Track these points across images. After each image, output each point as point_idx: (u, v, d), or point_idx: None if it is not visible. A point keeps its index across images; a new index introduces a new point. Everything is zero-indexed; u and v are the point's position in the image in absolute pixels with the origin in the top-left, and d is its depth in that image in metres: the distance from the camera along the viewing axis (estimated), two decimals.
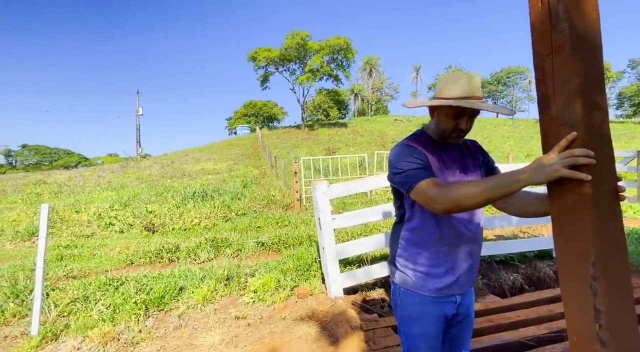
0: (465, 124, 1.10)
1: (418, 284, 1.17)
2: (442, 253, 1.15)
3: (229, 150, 23.90)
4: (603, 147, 0.77)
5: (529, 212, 1.12)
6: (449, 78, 1.12)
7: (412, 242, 1.19)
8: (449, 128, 1.12)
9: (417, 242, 1.18)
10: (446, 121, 1.12)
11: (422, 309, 1.17)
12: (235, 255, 4.45)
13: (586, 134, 0.76)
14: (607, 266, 0.74)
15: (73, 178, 14.26)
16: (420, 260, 1.17)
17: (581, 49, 0.74)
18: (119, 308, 2.72)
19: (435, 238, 1.15)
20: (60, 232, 6.58)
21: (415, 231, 1.18)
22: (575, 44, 0.74)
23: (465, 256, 1.16)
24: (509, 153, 8.81)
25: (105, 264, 4.36)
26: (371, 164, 10.92)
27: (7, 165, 51.25)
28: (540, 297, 2.66)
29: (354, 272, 2.93)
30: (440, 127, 1.15)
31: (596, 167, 0.75)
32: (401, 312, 1.23)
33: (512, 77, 54.31)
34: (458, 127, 1.11)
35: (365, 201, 8.10)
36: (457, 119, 1.10)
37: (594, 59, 0.76)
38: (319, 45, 31.14)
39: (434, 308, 1.17)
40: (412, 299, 1.18)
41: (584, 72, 0.74)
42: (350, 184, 2.91)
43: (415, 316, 1.18)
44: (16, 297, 2.95)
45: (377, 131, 30.43)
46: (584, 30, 0.74)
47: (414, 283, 1.18)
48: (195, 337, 2.39)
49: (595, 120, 0.76)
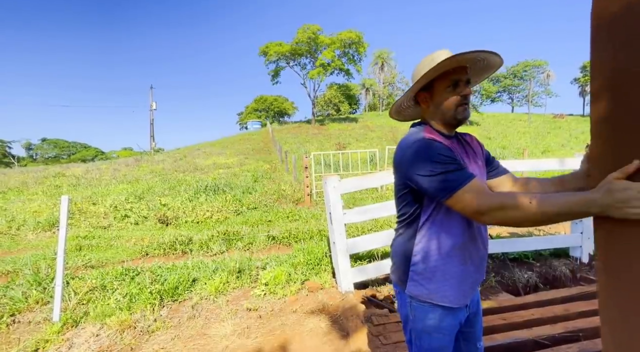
0: (466, 88, 1.03)
1: (437, 296, 1.06)
2: (463, 259, 1.06)
3: (240, 144, 24.08)
4: None
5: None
6: (426, 59, 1.06)
7: (431, 251, 1.07)
8: (452, 102, 1.04)
9: (437, 250, 1.06)
10: (446, 97, 1.04)
11: (438, 323, 1.09)
12: (246, 248, 4.51)
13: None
14: None
15: (90, 171, 14.66)
16: (441, 269, 1.06)
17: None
18: (135, 297, 2.80)
19: (458, 244, 1.05)
20: (79, 223, 6.80)
21: (435, 238, 1.06)
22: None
23: (480, 259, 1.11)
24: (524, 149, 8.58)
25: (121, 254, 4.49)
26: (382, 159, 10.82)
27: (28, 158, 53.07)
28: (556, 296, 2.60)
29: (364, 267, 2.92)
30: (442, 108, 1.05)
31: None
32: (415, 326, 1.12)
33: (529, 70, 52.62)
34: (462, 94, 1.03)
35: (376, 196, 8.05)
36: (456, 89, 1.03)
37: None
38: (330, 39, 30.84)
39: (450, 320, 1.09)
40: (428, 314, 1.09)
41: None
42: (361, 179, 2.89)
43: (431, 331, 1.09)
44: (38, 284, 3.07)
45: (388, 126, 30.08)
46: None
47: (431, 295, 1.07)
48: (208, 328, 2.45)
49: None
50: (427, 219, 1.06)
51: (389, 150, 10.12)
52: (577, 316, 2.24)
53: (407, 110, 1.21)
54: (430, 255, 1.07)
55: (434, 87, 1.06)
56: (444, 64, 0.98)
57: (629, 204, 0.64)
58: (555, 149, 18.38)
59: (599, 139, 0.73)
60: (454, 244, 1.05)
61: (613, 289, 0.69)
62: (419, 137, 1.02)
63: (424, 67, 1.05)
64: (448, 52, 1.03)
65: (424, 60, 1.06)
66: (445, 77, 1.03)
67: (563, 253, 3.60)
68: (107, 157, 49.67)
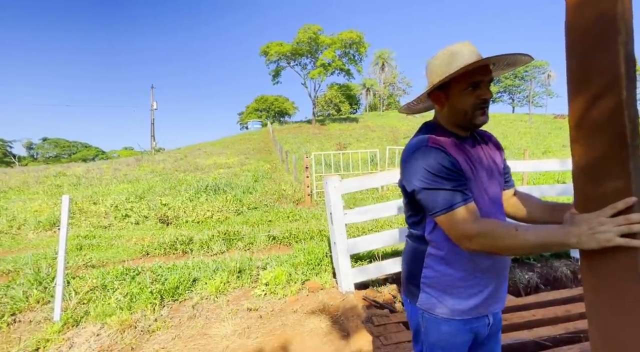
0: (487, 91, 0.93)
1: (451, 309, 0.99)
2: (480, 267, 0.98)
3: (241, 144, 24.10)
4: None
5: (532, 218, 1.05)
6: (441, 57, 0.94)
7: (442, 259, 0.99)
8: (470, 104, 0.94)
9: (449, 258, 0.98)
10: (464, 99, 0.94)
11: (453, 338, 1.01)
12: (247, 248, 4.51)
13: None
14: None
15: (91, 170, 14.68)
16: (454, 280, 0.99)
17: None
18: (135, 297, 2.80)
19: (472, 252, 0.96)
20: (79, 222, 6.80)
21: (446, 245, 0.98)
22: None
23: (501, 267, 1.02)
24: (525, 149, 8.56)
25: (122, 254, 4.49)
26: (382, 159, 10.82)
27: (29, 157, 53.16)
28: (557, 296, 2.59)
29: (365, 268, 2.92)
30: (458, 111, 0.96)
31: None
32: (427, 339, 1.05)
33: (529, 71, 52.55)
34: (481, 98, 0.93)
35: (377, 197, 8.05)
36: (476, 90, 0.93)
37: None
38: (331, 39, 30.86)
39: (465, 335, 1.02)
40: (442, 327, 1.01)
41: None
42: (362, 179, 2.89)
43: (444, 346, 1.02)
44: (39, 284, 3.08)
45: (388, 126, 30.09)
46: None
47: (445, 308, 1.00)
48: (208, 327, 2.45)
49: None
50: (435, 226, 0.99)
51: (389, 151, 10.12)
52: (578, 317, 2.24)
53: (418, 105, 1.13)
54: (440, 263, 1.00)
55: (451, 87, 0.95)
56: (467, 67, 0.89)
57: (595, 230, 0.70)
58: (556, 149, 18.36)
59: (576, 143, 0.77)
60: (467, 252, 0.95)
61: (600, 316, 0.73)
62: (422, 142, 0.95)
63: (441, 63, 0.94)
64: (469, 45, 0.93)
65: (442, 55, 0.95)
66: (466, 77, 0.92)
67: (564, 254, 3.59)
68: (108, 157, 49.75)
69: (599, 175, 0.72)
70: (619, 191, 0.69)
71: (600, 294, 0.73)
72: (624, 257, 0.69)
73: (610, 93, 0.68)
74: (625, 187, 0.68)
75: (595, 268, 0.74)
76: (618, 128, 0.68)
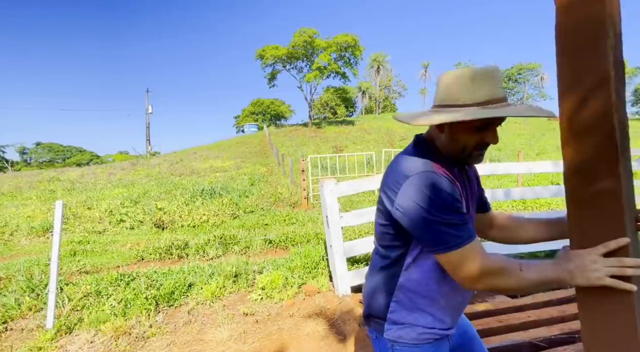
0: (493, 136, 0.84)
1: (423, 336, 0.94)
2: (451, 293, 0.95)
3: (237, 148, 24.07)
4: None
5: (520, 238, 1.05)
6: (462, 77, 0.81)
7: (417, 288, 0.93)
8: (472, 143, 0.85)
9: (424, 287, 0.92)
10: (467, 136, 0.84)
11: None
12: (243, 252, 4.49)
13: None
14: None
15: (85, 175, 14.55)
16: (428, 307, 0.94)
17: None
18: (130, 303, 2.77)
19: (445, 291, 0.93)
20: (73, 228, 6.73)
21: (425, 274, 0.92)
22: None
23: (466, 303, 1.02)
24: (519, 151, 8.65)
25: (116, 259, 4.44)
26: (379, 161, 10.87)
27: (22, 162, 52.57)
28: (552, 297, 2.61)
29: (362, 271, 2.92)
30: (457, 144, 0.87)
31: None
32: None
33: (523, 73, 53.26)
34: (484, 141, 0.85)
35: (373, 199, 8.06)
36: (481, 132, 0.83)
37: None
38: (327, 42, 31.04)
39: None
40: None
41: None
42: (358, 182, 2.89)
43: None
44: (32, 291, 3.03)
45: (384, 129, 30.21)
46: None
47: (417, 336, 0.94)
48: (204, 333, 2.43)
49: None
50: (418, 255, 0.91)
51: (385, 153, 10.17)
52: (573, 318, 2.25)
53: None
54: (415, 293, 0.94)
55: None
56: (490, 117, 0.78)
57: (586, 268, 0.72)
58: (551, 151, 18.54)
59: (567, 144, 0.78)
60: (443, 280, 0.92)
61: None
62: (426, 168, 0.82)
63: (459, 88, 0.81)
64: (492, 75, 0.80)
65: (462, 76, 0.81)
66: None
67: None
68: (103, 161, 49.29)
69: (590, 176, 0.73)
70: (609, 192, 0.70)
71: (595, 326, 0.75)
72: (617, 291, 0.71)
73: (600, 95, 0.69)
74: (615, 187, 0.69)
75: (590, 305, 0.77)
76: (608, 129, 0.69)
